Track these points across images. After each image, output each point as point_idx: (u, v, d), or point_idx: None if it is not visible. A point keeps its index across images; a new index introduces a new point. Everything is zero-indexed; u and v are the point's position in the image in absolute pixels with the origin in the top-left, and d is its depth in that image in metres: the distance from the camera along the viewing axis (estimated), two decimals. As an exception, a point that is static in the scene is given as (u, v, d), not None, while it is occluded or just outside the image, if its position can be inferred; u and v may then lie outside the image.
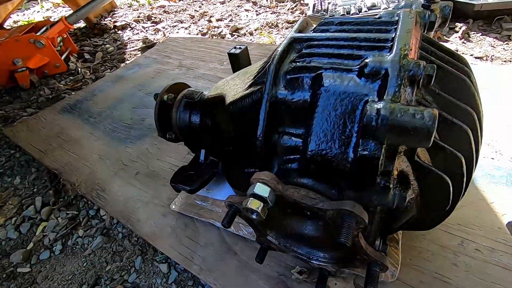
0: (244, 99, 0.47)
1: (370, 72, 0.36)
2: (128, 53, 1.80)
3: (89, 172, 0.93)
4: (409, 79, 0.33)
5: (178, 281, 0.69)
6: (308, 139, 0.39)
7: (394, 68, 0.34)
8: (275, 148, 0.46)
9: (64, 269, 0.76)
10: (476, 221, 0.62)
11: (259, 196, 0.36)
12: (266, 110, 0.42)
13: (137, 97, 1.24)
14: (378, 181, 0.34)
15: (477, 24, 1.32)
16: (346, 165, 0.37)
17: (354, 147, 0.36)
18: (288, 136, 0.44)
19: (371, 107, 0.32)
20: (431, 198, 0.39)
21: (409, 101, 0.34)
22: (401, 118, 0.30)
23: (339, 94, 0.37)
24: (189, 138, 0.72)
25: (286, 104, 0.42)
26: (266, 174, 0.37)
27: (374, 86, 0.35)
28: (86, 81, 1.57)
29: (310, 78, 0.40)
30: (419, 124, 0.29)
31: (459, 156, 0.36)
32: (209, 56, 1.41)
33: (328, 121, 0.38)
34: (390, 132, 0.31)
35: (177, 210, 0.75)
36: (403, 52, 0.35)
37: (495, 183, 0.67)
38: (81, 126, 1.14)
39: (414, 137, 0.30)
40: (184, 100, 0.71)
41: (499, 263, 0.55)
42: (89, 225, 0.85)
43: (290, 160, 0.44)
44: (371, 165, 0.33)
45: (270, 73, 0.42)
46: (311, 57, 0.42)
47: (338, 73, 0.38)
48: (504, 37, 1.22)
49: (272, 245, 0.53)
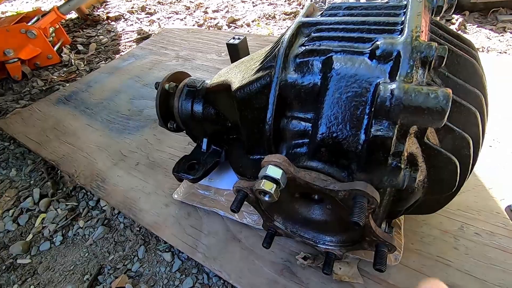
0: (252, 84, 0.46)
1: (381, 54, 0.36)
2: (122, 44, 1.77)
3: (87, 163, 0.92)
4: (421, 61, 0.34)
5: (182, 269, 0.69)
6: (318, 122, 0.40)
7: (406, 49, 0.34)
8: (283, 132, 0.46)
9: (66, 260, 0.75)
10: (476, 206, 0.63)
11: (271, 178, 0.36)
12: (275, 94, 0.42)
13: (134, 88, 1.22)
14: (390, 162, 0.35)
15: (473, 16, 1.33)
16: (358, 147, 0.37)
17: (365, 129, 0.36)
18: (297, 121, 0.44)
19: (385, 87, 0.32)
20: (438, 180, 0.40)
21: (420, 83, 0.34)
22: (415, 98, 0.30)
23: (350, 76, 0.37)
24: (191, 127, 0.72)
25: (296, 88, 0.42)
26: (278, 157, 0.37)
27: (386, 68, 0.36)
28: (80, 73, 1.54)
29: (320, 61, 0.40)
30: (433, 103, 0.30)
31: (467, 138, 0.37)
32: (207, 47, 1.39)
33: (339, 104, 0.38)
34: (404, 112, 0.31)
35: (179, 200, 0.74)
36: (414, 34, 0.35)
37: (493, 170, 0.69)
38: (78, 117, 1.12)
39: (428, 117, 0.30)
40: (186, 89, 0.70)
41: (498, 246, 0.57)
42: (89, 216, 0.84)
43: (299, 144, 0.44)
44: (383, 145, 0.34)
45: (280, 57, 0.42)
46: (320, 40, 0.42)
47: (349, 55, 0.38)
48: (499, 29, 1.24)
49: (278, 231, 0.54)
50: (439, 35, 0.41)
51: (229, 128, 0.66)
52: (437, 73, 0.38)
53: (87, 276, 0.71)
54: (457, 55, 0.39)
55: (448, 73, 0.38)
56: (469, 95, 0.38)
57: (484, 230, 0.60)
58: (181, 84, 0.71)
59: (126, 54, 1.51)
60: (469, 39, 0.43)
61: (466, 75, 0.39)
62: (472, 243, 0.58)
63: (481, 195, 0.65)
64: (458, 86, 0.38)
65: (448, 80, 0.38)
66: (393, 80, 0.34)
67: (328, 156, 0.40)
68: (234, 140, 0.67)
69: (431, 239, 0.60)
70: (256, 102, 0.47)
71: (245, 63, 0.58)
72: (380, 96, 0.32)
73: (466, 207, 0.64)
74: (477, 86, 0.39)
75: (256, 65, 0.49)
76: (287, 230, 0.52)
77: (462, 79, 0.38)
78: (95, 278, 0.70)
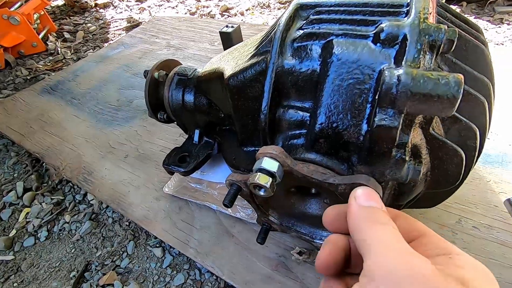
0: (246, 71, 0.43)
1: (386, 37, 0.33)
2: (111, 32, 1.71)
3: (74, 156, 0.88)
4: (429, 45, 0.31)
5: (173, 265, 0.67)
6: (317, 111, 0.37)
7: (413, 32, 0.31)
8: (279, 123, 0.43)
9: (51, 256, 0.72)
10: (474, 200, 0.62)
11: (267, 171, 0.33)
12: (271, 82, 0.39)
13: (123, 78, 1.17)
14: (394, 154, 0.32)
15: (470, 7, 1.31)
16: (359, 138, 0.35)
17: (368, 119, 0.34)
18: (294, 110, 0.41)
19: (391, 73, 0.30)
20: (442, 172, 0.38)
21: (427, 68, 0.32)
22: (424, 84, 0.28)
23: (352, 62, 0.35)
24: (183, 118, 0.69)
25: (293, 75, 0.39)
26: (274, 148, 0.34)
27: (391, 52, 0.33)
28: (67, 62, 1.48)
29: (319, 45, 0.37)
30: (443, 90, 0.27)
31: (474, 128, 0.35)
32: (199, 36, 1.34)
33: (340, 92, 0.35)
34: (411, 100, 0.29)
35: (170, 193, 0.72)
36: (422, 16, 0.32)
37: (491, 163, 0.68)
38: (64, 108, 1.08)
39: (438, 105, 0.28)
40: (176, 77, 0.67)
41: (497, 240, 0.56)
42: (76, 210, 0.81)
43: (296, 135, 0.42)
44: (388, 136, 0.31)
45: (276, 41, 0.39)
46: (320, 23, 0.39)
47: (351, 39, 0.35)
48: (496, 20, 1.22)
49: (273, 226, 0.51)
50: (446, 18, 0.38)
51: (222, 118, 0.63)
52: (444, 59, 0.36)
53: (73, 272, 0.68)
54: (466, 40, 0.37)
55: (456, 59, 0.36)
56: (477, 82, 0.36)
57: (482, 224, 0.59)
58: (171, 72, 0.68)
59: (115, 42, 1.45)
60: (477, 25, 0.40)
61: (474, 62, 0.37)
62: (470, 237, 0.57)
63: (479, 188, 0.64)
64: (465, 73, 0.36)
65: (455, 67, 0.36)
66: (398, 65, 0.32)
67: (327, 148, 0.38)
68: (227, 132, 0.64)
69: (429, 233, 0.58)
70: (250, 90, 0.45)
71: (238, 49, 0.55)
72: (385, 82, 0.30)
73: (464, 200, 0.62)
74: (485, 73, 0.37)
75: (251, 51, 0.46)
76: (283, 225, 0.50)
77: (469, 65, 0.36)
78: (82, 274, 0.67)
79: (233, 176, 0.43)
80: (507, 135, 0.72)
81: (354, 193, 0.27)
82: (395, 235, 0.22)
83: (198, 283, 0.63)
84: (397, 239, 0.22)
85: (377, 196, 0.27)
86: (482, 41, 0.38)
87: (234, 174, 0.42)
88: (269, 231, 0.52)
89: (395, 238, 0.22)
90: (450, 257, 0.22)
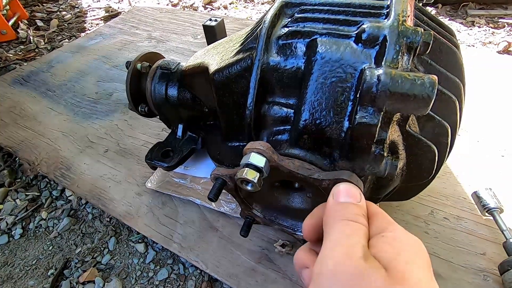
0: (231, 66, 0.44)
1: (367, 38, 0.34)
2: (88, 22, 1.64)
3: (50, 150, 0.85)
4: (407, 46, 0.33)
5: (156, 260, 0.66)
6: (301, 108, 0.38)
7: (393, 34, 0.33)
8: (264, 119, 0.44)
9: (27, 254, 0.70)
10: (445, 192, 0.66)
11: (254, 166, 0.34)
12: (257, 78, 0.40)
13: (102, 70, 1.14)
14: (373, 149, 0.34)
15: (445, 9, 1.37)
16: (341, 134, 0.36)
17: (349, 116, 0.35)
18: (279, 106, 0.42)
19: (371, 73, 0.31)
20: (417, 167, 0.40)
21: (405, 69, 0.34)
22: (401, 84, 0.29)
23: (335, 61, 0.36)
24: (166, 112, 0.68)
25: (278, 72, 0.40)
26: (261, 143, 0.35)
27: (372, 53, 0.35)
28: (41, 51, 1.41)
29: (304, 44, 0.38)
30: (419, 90, 0.29)
31: (446, 126, 0.37)
32: (182, 28, 1.32)
33: (323, 90, 0.37)
34: (390, 99, 0.30)
35: (153, 188, 0.71)
36: (401, 18, 0.34)
37: (460, 157, 0.72)
38: (38, 100, 1.03)
39: (414, 104, 0.30)
40: (159, 71, 0.66)
41: (464, 230, 0.60)
42: (53, 207, 0.78)
43: (280, 131, 0.43)
44: (368, 133, 0.33)
45: (262, 37, 0.39)
46: (305, 22, 0.40)
47: (334, 39, 0.37)
48: (468, 22, 1.29)
49: (257, 219, 0.53)
50: (423, 21, 0.40)
51: (207, 113, 0.63)
52: (420, 60, 0.38)
53: (51, 270, 0.66)
54: (440, 43, 0.39)
55: (431, 61, 0.38)
56: (449, 83, 0.38)
57: (452, 215, 0.63)
58: (154, 65, 0.66)
59: (92, 32, 1.39)
60: (450, 27, 0.43)
61: (447, 63, 0.39)
62: (441, 227, 0.61)
63: (449, 182, 0.68)
64: (439, 74, 0.38)
65: (430, 68, 0.38)
66: (378, 65, 0.33)
67: (310, 144, 0.39)
68: (211, 127, 0.64)
69: (404, 224, 0.62)
70: (235, 86, 0.45)
71: (223, 45, 0.55)
72: (366, 81, 0.31)
73: (436, 193, 0.66)
74: (457, 74, 0.39)
75: (236, 47, 0.47)
76: (266, 218, 0.51)
77: (443, 67, 0.38)
78: (60, 272, 0.66)
79: (218, 170, 0.43)
80: (475, 132, 0.77)
81: (334, 190, 0.29)
82: (352, 231, 0.24)
83: (182, 277, 0.63)
84: (350, 236, 0.24)
85: (358, 192, 0.29)
86: (455, 44, 0.41)
87: (219, 168, 0.43)
88: (252, 224, 0.53)
89: (350, 234, 0.24)
90: (383, 235, 0.25)
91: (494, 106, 0.83)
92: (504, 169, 0.69)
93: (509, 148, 0.73)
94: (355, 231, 0.24)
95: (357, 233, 0.24)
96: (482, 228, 0.60)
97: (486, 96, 0.85)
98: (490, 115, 0.81)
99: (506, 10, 1.30)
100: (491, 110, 0.82)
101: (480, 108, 0.82)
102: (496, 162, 0.70)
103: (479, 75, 0.91)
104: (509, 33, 1.20)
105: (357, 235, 0.24)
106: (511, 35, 1.19)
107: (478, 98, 0.85)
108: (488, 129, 0.77)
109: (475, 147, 0.74)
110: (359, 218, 0.26)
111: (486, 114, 0.81)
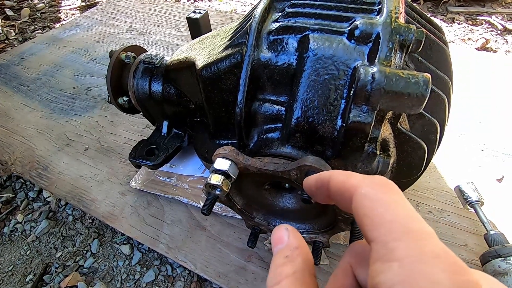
0: (220, 62, 0.42)
1: (360, 34, 0.34)
2: (63, 12, 1.55)
3: (25, 149, 0.80)
4: (400, 44, 0.33)
5: (142, 262, 0.64)
6: (293, 106, 0.37)
7: (386, 31, 0.32)
8: (254, 116, 0.43)
9: (2, 260, 0.66)
10: (428, 186, 0.68)
11: (220, 171, 0.35)
12: (247, 75, 0.39)
13: (80, 63, 1.08)
14: (366, 148, 0.34)
15: (427, 6, 1.40)
16: (334, 133, 0.36)
17: (342, 114, 0.35)
18: (270, 104, 0.41)
19: (366, 71, 0.30)
20: (406, 164, 0.41)
21: (398, 67, 0.33)
22: (396, 83, 0.29)
23: (327, 57, 0.35)
24: (149, 109, 0.65)
25: (269, 68, 0.39)
26: (225, 148, 0.35)
27: (365, 50, 0.34)
28: (11, 43, 1.32)
29: (296, 39, 0.37)
30: (413, 89, 0.29)
31: (436, 123, 0.38)
32: (164, 20, 1.27)
33: (316, 87, 0.36)
34: (384, 97, 0.30)
35: (137, 188, 0.68)
36: (393, 15, 0.34)
37: (443, 152, 0.74)
38: (10, 95, 0.97)
39: (408, 102, 0.29)
40: (142, 65, 0.63)
41: (447, 222, 0.62)
42: (30, 209, 0.74)
43: (271, 129, 0.42)
44: (361, 131, 0.33)
45: (252, 32, 0.38)
46: (296, 17, 0.39)
47: (327, 35, 0.36)
48: (449, 19, 1.32)
49: (261, 227, 0.51)
50: (413, 17, 0.40)
51: (193, 110, 0.61)
52: (411, 57, 0.38)
53: (30, 276, 0.63)
54: (430, 40, 0.39)
55: (421, 58, 0.38)
56: (439, 81, 0.39)
57: (436, 208, 0.65)
58: (136, 59, 0.63)
59: (68, 23, 1.32)
60: (439, 25, 0.43)
61: (437, 61, 0.39)
62: (425, 220, 0.62)
63: (434, 176, 0.70)
64: (430, 71, 0.38)
65: (421, 65, 0.38)
66: (371, 63, 0.33)
67: (302, 142, 0.38)
68: (199, 124, 0.62)
69: (390, 218, 0.63)
70: (224, 82, 0.43)
71: (210, 39, 0.53)
72: (360, 80, 0.31)
73: (421, 187, 0.68)
74: (446, 72, 0.39)
75: (224, 41, 0.45)
76: (270, 225, 0.50)
77: (433, 64, 0.39)
78: (40, 278, 0.62)
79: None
80: (457, 127, 0.79)
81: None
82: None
83: (170, 279, 0.62)
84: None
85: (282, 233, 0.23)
86: (444, 41, 0.41)
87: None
88: (258, 234, 0.51)
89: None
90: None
91: (474, 102, 0.85)
92: (483, 163, 0.71)
93: (488, 142, 0.75)
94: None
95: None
96: (464, 221, 0.62)
97: (465, 92, 0.88)
98: (470, 110, 0.83)
99: (484, 8, 1.34)
100: (471, 105, 0.84)
101: (460, 103, 0.84)
102: (476, 156, 0.73)
103: (458, 71, 0.94)
104: (487, 30, 1.24)
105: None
106: (488, 32, 1.23)
107: (458, 93, 0.87)
108: (468, 124, 0.80)
109: (456, 141, 0.76)
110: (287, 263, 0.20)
111: (466, 110, 0.83)
